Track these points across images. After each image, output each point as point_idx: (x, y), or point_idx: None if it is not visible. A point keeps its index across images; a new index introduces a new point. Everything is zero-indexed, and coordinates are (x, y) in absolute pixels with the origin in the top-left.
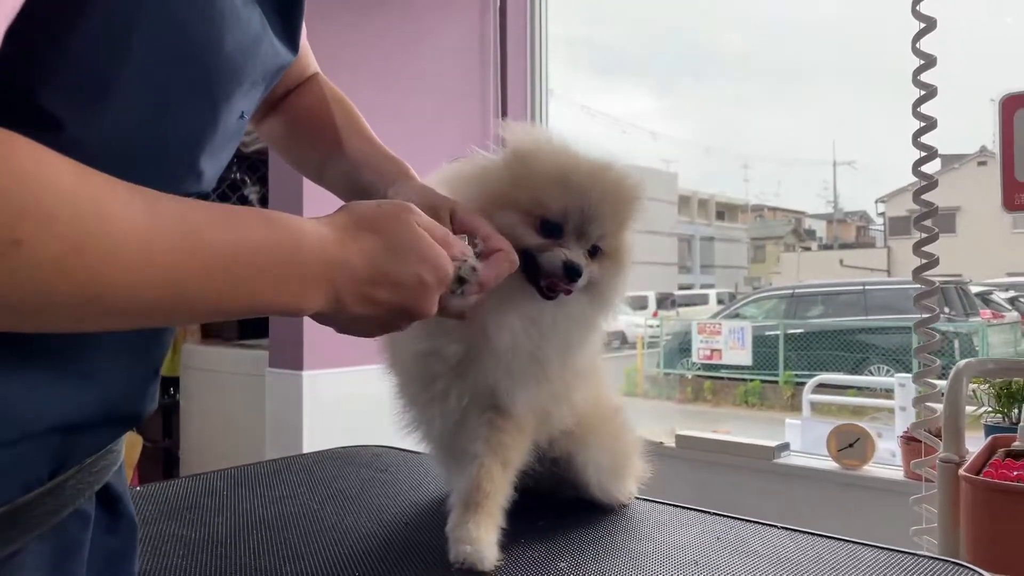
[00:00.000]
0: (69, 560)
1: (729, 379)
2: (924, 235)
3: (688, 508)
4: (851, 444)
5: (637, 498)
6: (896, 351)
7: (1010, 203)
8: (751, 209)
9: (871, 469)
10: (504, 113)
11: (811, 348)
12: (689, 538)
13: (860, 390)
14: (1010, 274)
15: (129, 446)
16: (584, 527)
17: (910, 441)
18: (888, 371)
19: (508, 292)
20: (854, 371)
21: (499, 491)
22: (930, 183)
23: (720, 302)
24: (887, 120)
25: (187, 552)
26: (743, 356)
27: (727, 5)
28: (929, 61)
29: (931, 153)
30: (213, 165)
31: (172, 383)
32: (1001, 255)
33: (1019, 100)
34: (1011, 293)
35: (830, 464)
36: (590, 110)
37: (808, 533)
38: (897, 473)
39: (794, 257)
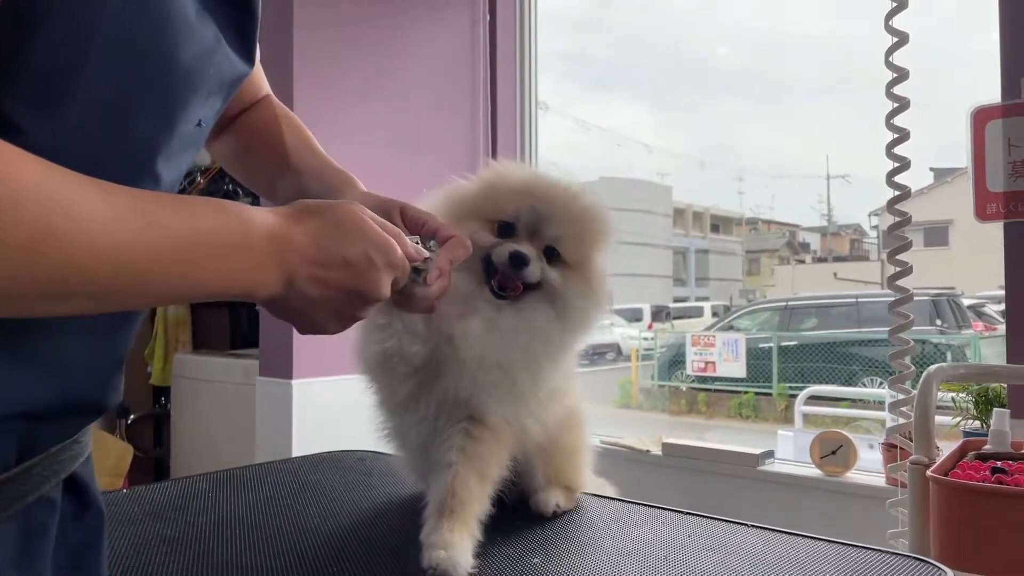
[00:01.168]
0: (34, 543)
1: (723, 391)
2: (898, 244)
3: (661, 508)
4: (833, 452)
5: (611, 498)
6: (889, 363)
7: (982, 213)
8: (746, 222)
9: (853, 476)
10: (494, 125)
11: (805, 360)
12: (662, 536)
13: (853, 402)
14: (1002, 287)
15: (120, 455)
16: (557, 524)
17: (891, 448)
18: (881, 383)
19: (469, 297)
20: (847, 383)
21: (475, 500)
22: (904, 193)
23: (715, 314)
24: (880, 134)
25: (170, 550)
26: (737, 368)
27: (720, 20)
28: (902, 74)
29: (904, 164)
30: (171, 170)
31: (164, 393)
32: (994, 268)
33: (989, 112)
34: (1003, 306)
35: (814, 471)
36: (585, 124)
37: (779, 531)
38: (879, 480)
39: (789, 270)
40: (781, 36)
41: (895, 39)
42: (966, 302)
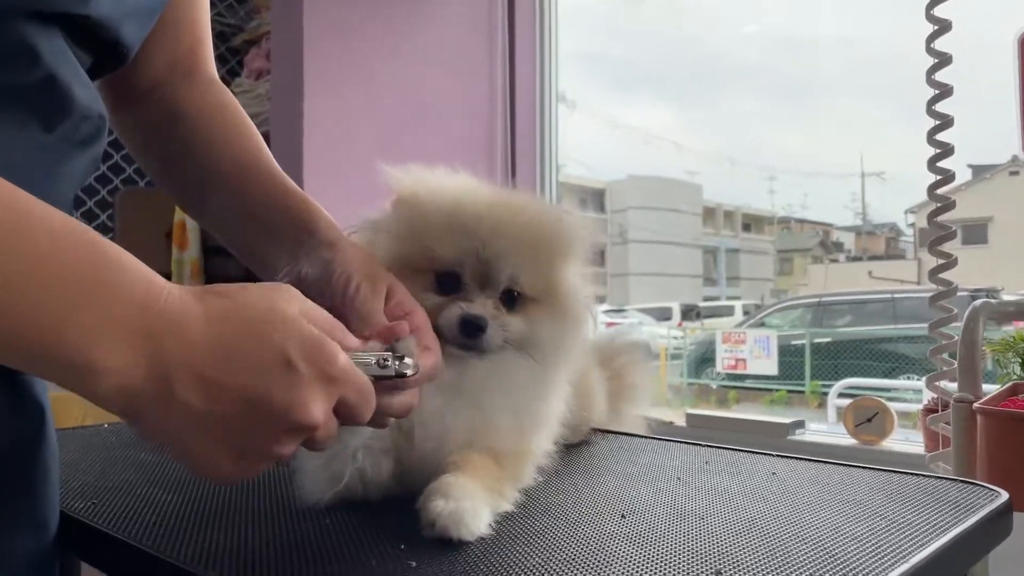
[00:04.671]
0: None
1: (754, 389)
2: (940, 233)
3: (676, 440)
4: (869, 419)
5: (621, 433)
6: (927, 360)
7: None
8: (777, 221)
9: (890, 445)
10: (513, 124)
11: (838, 357)
12: (676, 461)
13: (890, 398)
14: None
15: None
16: (575, 453)
17: (929, 412)
18: (918, 380)
19: None
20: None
21: (491, 473)
22: (947, 177)
23: (746, 313)
24: (915, 130)
25: (139, 468)
26: (768, 366)
27: (747, 17)
28: (944, 59)
29: (947, 150)
30: (51, 47)
31: None
32: None
33: None
34: None
35: (848, 440)
36: (613, 122)
37: (808, 459)
38: (918, 448)
39: (822, 269)
40: (811, 32)
41: (936, 27)
42: (1007, 299)
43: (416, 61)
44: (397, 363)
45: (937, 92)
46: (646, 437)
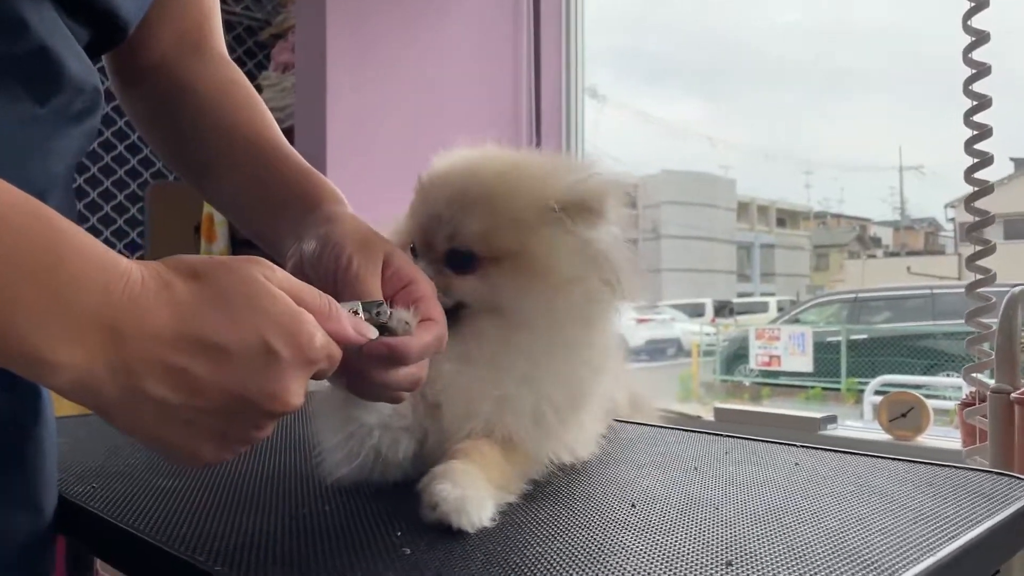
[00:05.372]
0: None
1: (789, 386)
2: (979, 218)
3: (698, 431)
4: (904, 414)
5: (646, 424)
6: (967, 357)
7: None
8: (813, 216)
9: (925, 441)
10: (538, 119)
11: (876, 354)
12: (694, 451)
13: (928, 395)
14: None
15: None
16: None
17: (967, 406)
18: (957, 377)
19: None
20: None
21: (496, 462)
22: (985, 160)
23: (780, 309)
24: (955, 122)
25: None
26: (803, 362)
27: (782, 10)
28: (982, 70)
29: (984, 131)
30: (41, 18)
31: None
32: None
33: None
34: None
35: (882, 436)
36: (645, 116)
37: (836, 451)
38: (955, 444)
39: (859, 264)
40: (846, 25)
41: (973, 38)
42: None
43: (439, 55)
44: (390, 319)
45: (974, 71)
46: (665, 427)
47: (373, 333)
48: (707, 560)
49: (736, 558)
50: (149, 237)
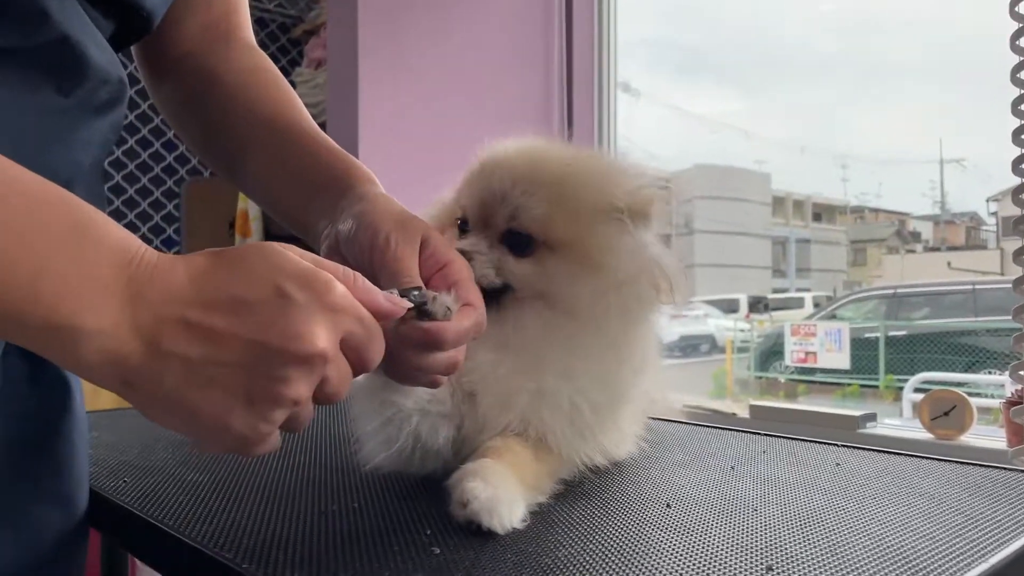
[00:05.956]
0: None
1: (825, 383)
2: None
3: (734, 429)
4: (946, 412)
5: (680, 422)
6: (1010, 355)
7: None
8: (851, 210)
9: (968, 440)
10: (570, 113)
11: (915, 351)
12: (731, 450)
13: (970, 392)
14: None
15: None
16: None
17: (1012, 405)
18: (1000, 375)
19: None
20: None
21: (527, 461)
22: None
23: (816, 305)
24: (998, 114)
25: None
26: (840, 359)
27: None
28: None
29: None
30: (62, 8)
31: None
32: None
33: None
34: None
35: (923, 435)
36: (678, 110)
37: (881, 451)
38: (999, 444)
39: (897, 260)
40: (884, 14)
41: (1020, 25)
42: None
43: (471, 49)
44: (433, 303)
45: (1022, 59)
46: (701, 425)
47: (406, 305)
48: (746, 564)
49: (776, 562)
50: (185, 233)
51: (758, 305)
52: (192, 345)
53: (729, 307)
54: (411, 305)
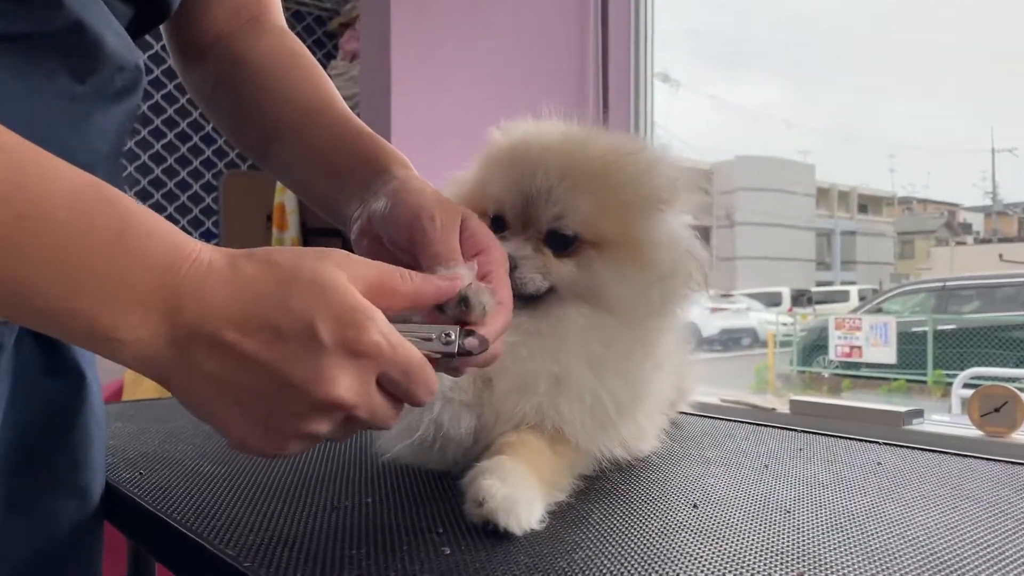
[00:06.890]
0: None
1: (870, 378)
2: None
3: (770, 425)
4: (997, 409)
5: (715, 417)
6: None
7: None
8: (898, 202)
9: (1020, 437)
10: (606, 104)
11: (965, 346)
12: (765, 447)
13: (1022, 388)
14: None
15: None
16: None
17: None
18: None
19: None
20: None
21: (545, 458)
22: None
23: (862, 299)
24: None
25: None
26: (886, 354)
27: None
28: None
29: None
30: None
31: None
32: None
33: None
34: None
35: (972, 432)
36: (720, 101)
37: (925, 449)
38: None
39: (947, 252)
40: (932, 1)
41: None
42: None
43: (504, 40)
44: (463, 338)
45: None
46: (736, 421)
47: (455, 284)
48: (776, 570)
49: (809, 569)
50: (223, 226)
51: (801, 298)
52: (223, 365)
53: (771, 300)
54: (455, 352)
